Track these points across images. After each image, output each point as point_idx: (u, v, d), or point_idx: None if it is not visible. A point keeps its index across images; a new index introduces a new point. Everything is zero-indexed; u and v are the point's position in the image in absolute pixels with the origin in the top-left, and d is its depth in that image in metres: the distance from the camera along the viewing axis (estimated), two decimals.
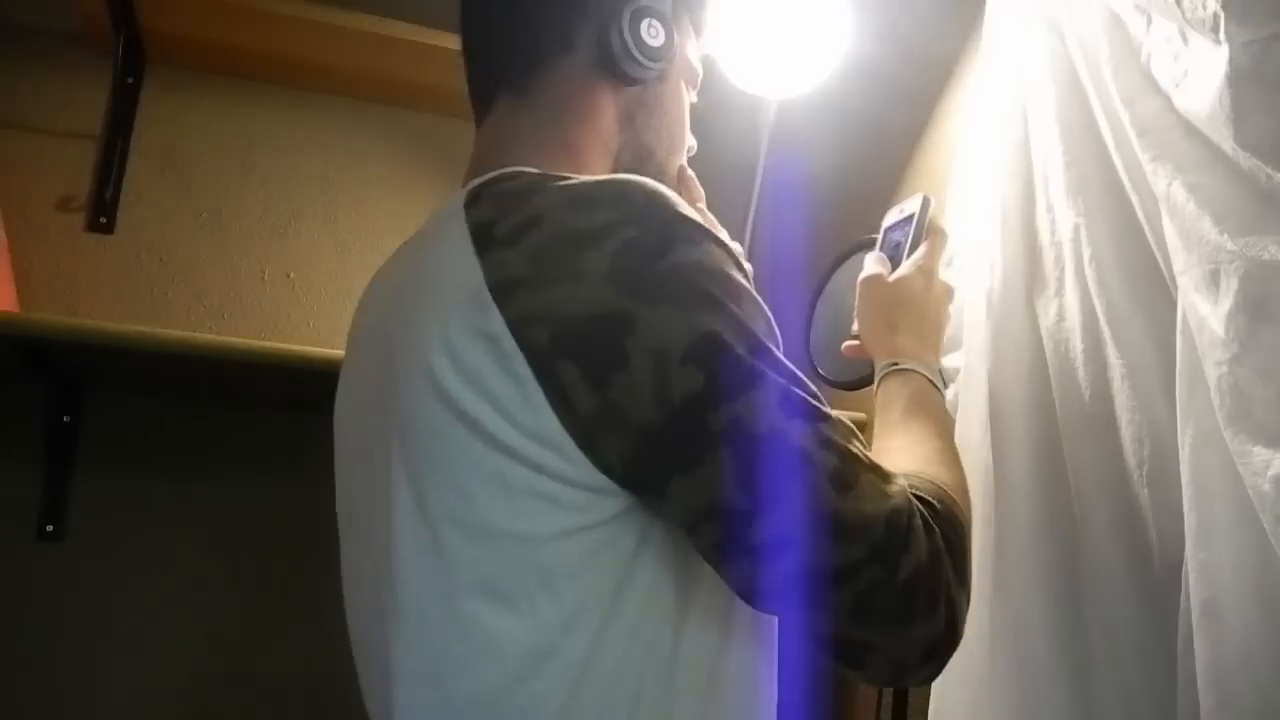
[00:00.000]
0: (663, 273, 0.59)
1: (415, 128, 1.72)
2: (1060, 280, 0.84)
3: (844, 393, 1.13)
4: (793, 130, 1.56)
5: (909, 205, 0.96)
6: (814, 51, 1.37)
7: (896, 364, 0.83)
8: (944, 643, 0.61)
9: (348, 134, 1.69)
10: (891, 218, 0.99)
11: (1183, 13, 0.65)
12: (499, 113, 0.81)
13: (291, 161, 1.65)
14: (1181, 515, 0.66)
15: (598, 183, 0.64)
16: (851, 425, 0.64)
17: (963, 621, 0.62)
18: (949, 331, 0.93)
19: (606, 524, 0.62)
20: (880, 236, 0.99)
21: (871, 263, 0.94)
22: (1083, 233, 0.82)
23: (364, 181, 1.68)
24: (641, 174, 0.73)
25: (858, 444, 0.62)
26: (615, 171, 0.79)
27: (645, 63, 0.77)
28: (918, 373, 0.82)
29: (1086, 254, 0.81)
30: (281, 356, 1.25)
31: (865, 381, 1.07)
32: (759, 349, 0.60)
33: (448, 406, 0.61)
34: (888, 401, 0.81)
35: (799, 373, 0.62)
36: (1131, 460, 0.76)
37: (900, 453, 0.73)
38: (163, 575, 1.48)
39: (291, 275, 1.63)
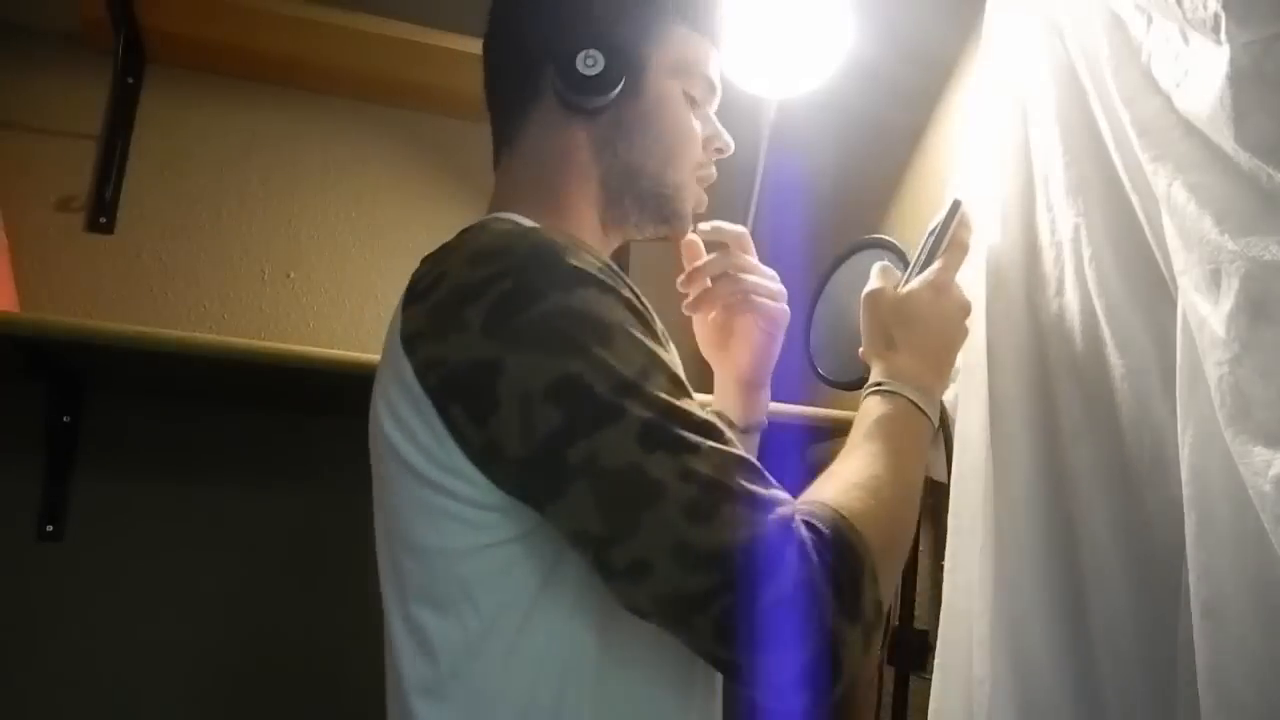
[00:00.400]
0: (530, 320, 0.65)
1: (415, 128, 1.72)
2: (1060, 280, 0.84)
3: (844, 393, 1.13)
4: (793, 130, 1.56)
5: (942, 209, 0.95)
6: (814, 51, 1.36)
7: (881, 384, 0.83)
8: (822, 671, 0.61)
9: (348, 134, 1.69)
10: (934, 222, 0.98)
11: (1183, 13, 0.65)
12: (500, 169, 0.89)
13: (291, 162, 1.65)
14: (1182, 515, 0.66)
15: (495, 238, 0.72)
16: (740, 454, 0.65)
17: (849, 653, 0.62)
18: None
19: (518, 539, 0.69)
20: (923, 240, 0.97)
21: (876, 275, 0.93)
22: (1083, 233, 0.82)
23: (364, 181, 1.68)
24: (637, 191, 0.85)
25: (734, 474, 0.63)
26: (607, 197, 0.86)
27: (589, 92, 0.82)
28: (900, 395, 0.82)
29: (1086, 254, 0.81)
30: (281, 356, 1.24)
31: (864, 382, 1.07)
32: (623, 387, 0.64)
33: (387, 443, 0.72)
34: (859, 421, 0.81)
35: (683, 406, 0.65)
36: (1132, 460, 0.76)
37: (833, 476, 0.73)
38: (162, 575, 1.48)
39: (291, 275, 1.63)
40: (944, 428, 1.02)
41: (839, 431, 1.42)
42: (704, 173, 0.92)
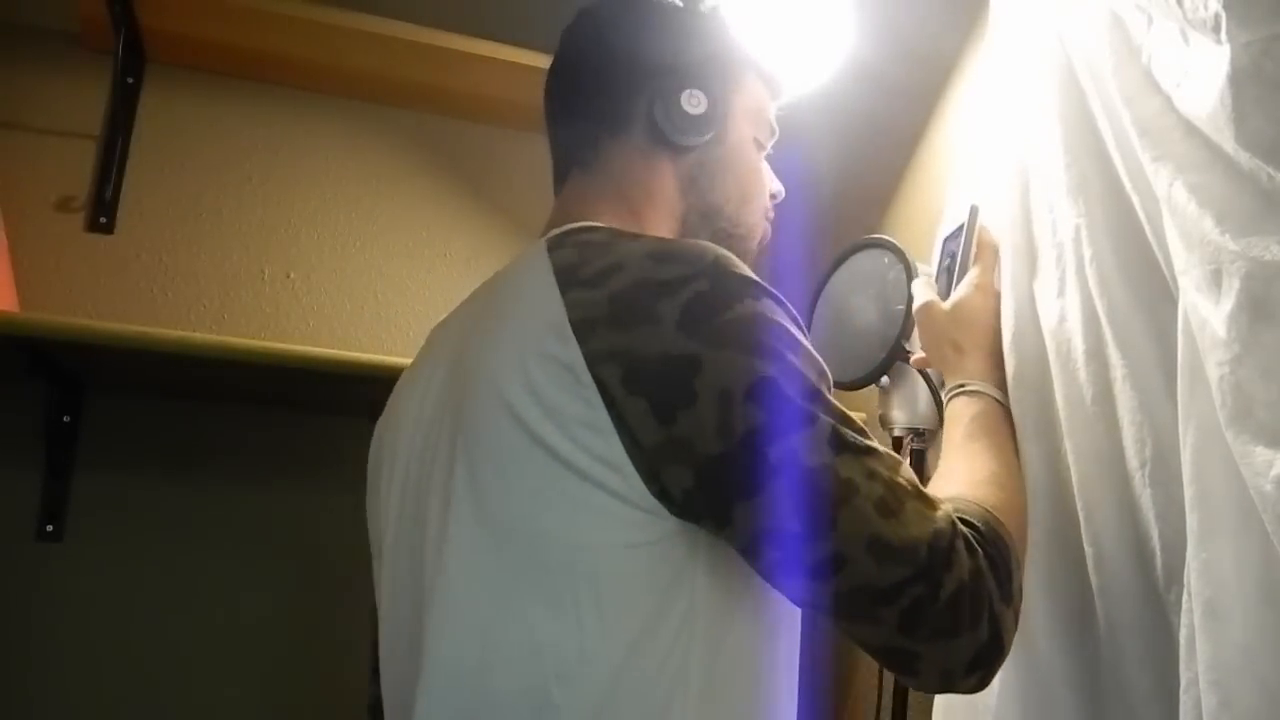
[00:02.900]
0: (728, 322, 0.66)
1: (415, 128, 1.72)
2: (1062, 281, 0.84)
3: (844, 393, 1.13)
4: (793, 130, 1.56)
5: (959, 216, 0.97)
6: (814, 51, 1.37)
7: (964, 385, 0.89)
8: (989, 654, 0.67)
9: (347, 134, 1.69)
10: (946, 229, 1.01)
11: (1183, 13, 0.65)
12: (571, 183, 0.89)
13: (291, 161, 1.65)
14: (1183, 515, 0.66)
15: (674, 241, 0.74)
16: (898, 457, 0.70)
17: (1009, 635, 0.68)
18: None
19: (654, 544, 0.67)
20: (938, 249, 1.00)
21: (921, 289, 0.98)
22: (1083, 233, 0.82)
23: (364, 181, 1.68)
24: (712, 230, 0.87)
25: (904, 474, 0.68)
26: (684, 231, 0.88)
27: (689, 131, 0.85)
28: (984, 394, 0.88)
29: (1087, 254, 0.81)
30: (281, 356, 1.25)
31: (864, 381, 1.07)
32: (811, 393, 0.67)
33: (518, 423, 0.68)
34: (953, 422, 0.88)
35: (849, 414, 0.69)
36: (1133, 460, 0.75)
37: (955, 474, 0.80)
38: (162, 575, 1.48)
39: (291, 275, 1.63)
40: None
41: None
42: (769, 214, 0.95)
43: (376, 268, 1.67)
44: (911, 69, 1.42)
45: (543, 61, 1.62)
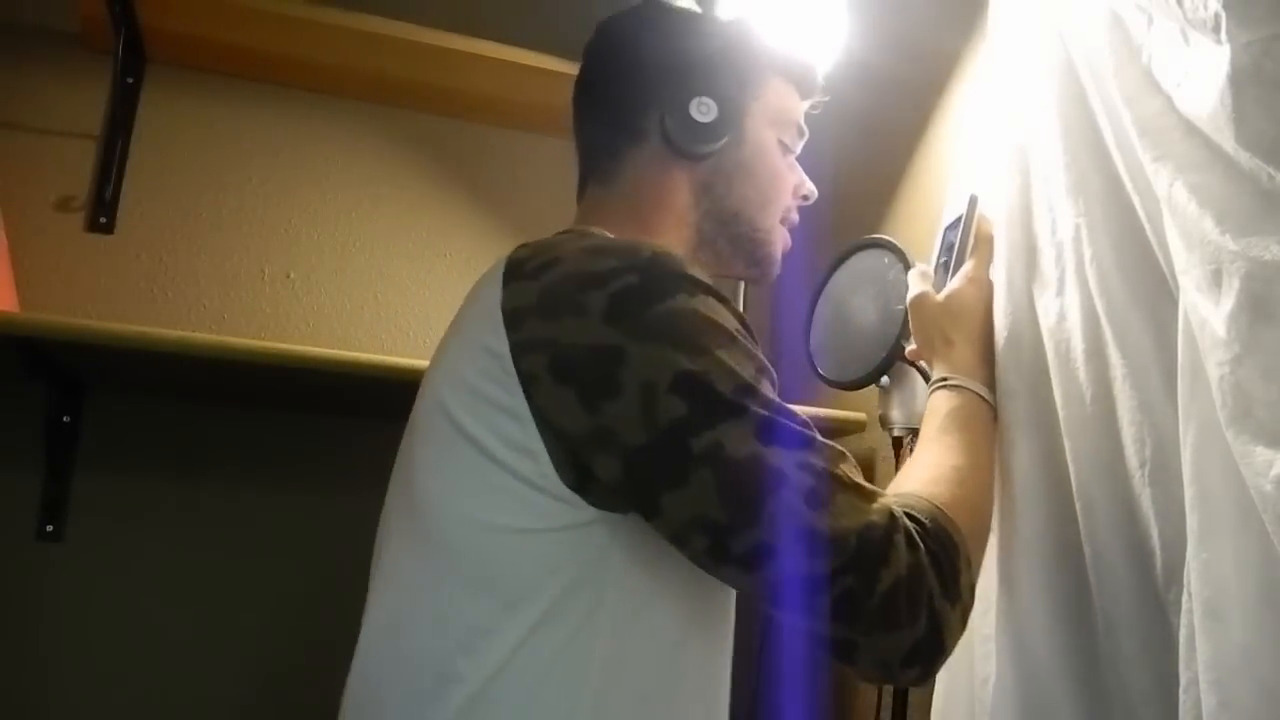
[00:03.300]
0: (656, 315, 0.67)
1: (415, 128, 1.72)
2: (1061, 281, 0.84)
3: (844, 393, 1.13)
4: None
5: (959, 206, 0.97)
6: (814, 51, 1.36)
7: (947, 379, 0.88)
8: (928, 649, 0.67)
9: (348, 134, 1.69)
10: (947, 218, 1.00)
11: (1184, 13, 0.65)
12: (588, 195, 0.92)
13: (291, 161, 1.65)
14: (1183, 515, 0.66)
15: (615, 239, 0.75)
16: (842, 450, 0.71)
17: (951, 631, 0.68)
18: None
19: (561, 531, 0.70)
20: (939, 240, 1.00)
21: (915, 280, 0.96)
22: (1083, 233, 0.82)
23: (364, 181, 1.68)
24: (730, 235, 0.89)
25: (844, 468, 0.69)
26: (698, 239, 0.90)
27: (700, 139, 0.86)
28: (966, 388, 0.87)
29: (1087, 254, 0.81)
30: (281, 356, 1.25)
31: (864, 381, 1.07)
32: (741, 388, 0.67)
33: (443, 411, 0.72)
34: (930, 414, 0.87)
35: (788, 408, 0.70)
36: (1133, 460, 0.75)
37: (917, 468, 0.80)
38: (162, 575, 1.48)
39: (291, 275, 1.63)
40: None
41: (839, 431, 1.42)
42: (790, 216, 0.96)
43: (376, 268, 1.67)
44: (911, 67, 1.41)
45: (543, 62, 1.64)
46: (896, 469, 1.15)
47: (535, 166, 1.77)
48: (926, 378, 1.02)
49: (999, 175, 0.97)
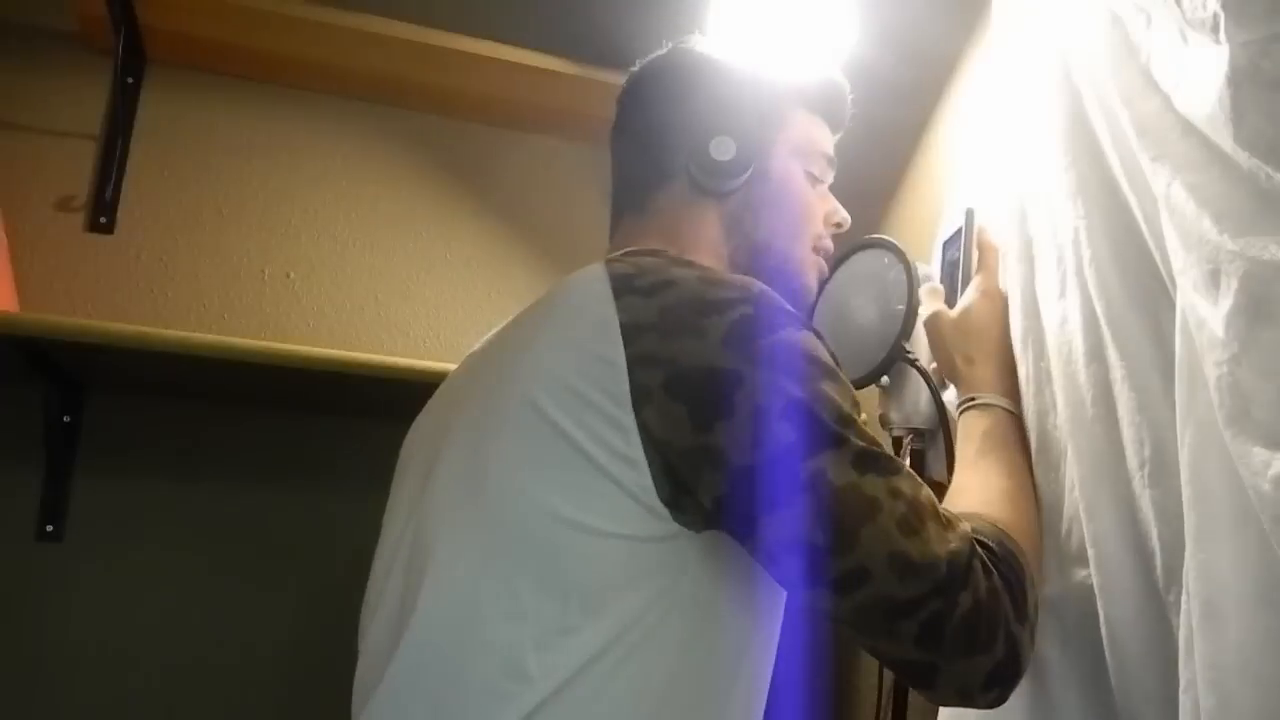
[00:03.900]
0: (769, 345, 0.70)
1: (415, 128, 1.72)
2: (1063, 283, 0.84)
3: None
4: None
5: (956, 220, 0.97)
6: (814, 52, 1.36)
7: (974, 399, 0.90)
8: (1006, 672, 0.69)
9: (348, 134, 1.69)
10: (944, 233, 1.01)
11: (1182, 13, 0.65)
12: (625, 223, 0.95)
13: (291, 161, 1.65)
14: (1182, 515, 0.66)
15: (723, 273, 0.78)
16: (920, 480, 0.72)
17: (1025, 653, 0.70)
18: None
19: (648, 543, 0.71)
20: (938, 255, 1.00)
21: (927, 298, 0.98)
22: (1082, 235, 0.82)
23: (364, 181, 1.68)
24: (762, 266, 0.90)
25: (925, 494, 0.71)
26: (733, 271, 0.90)
27: (721, 176, 0.90)
28: (995, 406, 0.89)
29: (1086, 255, 0.81)
30: (281, 356, 1.25)
31: (864, 381, 1.07)
32: (842, 419, 0.70)
33: (533, 408, 0.71)
34: (966, 437, 0.89)
35: (878, 440, 0.72)
36: (1133, 461, 0.75)
37: (969, 492, 0.82)
38: (162, 575, 1.49)
39: (291, 275, 1.63)
40: (945, 428, 1.02)
41: None
42: (823, 244, 0.97)
43: (376, 268, 1.67)
44: (911, 69, 1.41)
45: (543, 62, 1.64)
46: None
47: (535, 166, 1.77)
48: (932, 384, 1.02)
49: (1000, 178, 0.97)
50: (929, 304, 0.97)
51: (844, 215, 0.99)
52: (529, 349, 0.76)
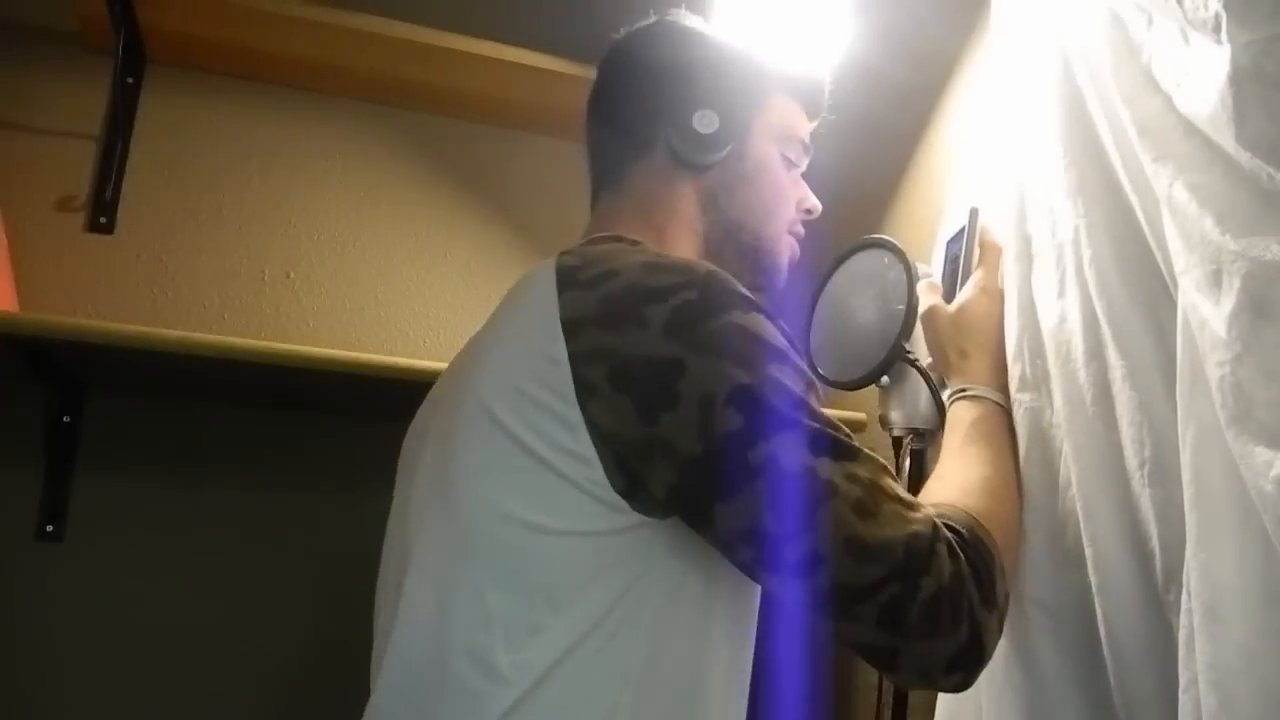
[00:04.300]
0: (712, 331, 0.69)
1: (415, 128, 1.72)
2: (1062, 282, 0.84)
3: (844, 393, 1.13)
4: None
5: (959, 218, 0.98)
6: (814, 52, 1.36)
7: (965, 390, 0.90)
8: (969, 656, 0.68)
9: (348, 134, 1.69)
10: (947, 232, 1.01)
11: (1184, 13, 0.65)
12: (601, 203, 0.96)
13: (291, 161, 1.65)
14: (1183, 516, 0.66)
15: (670, 256, 0.77)
16: (884, 463, 0.72)
17: (990, 639, 0.70)
18: None
19: (607, 535, 0.71)
20: (941, 252, 1.01)
21: (925, 293, 0.99)
22: (1082, 234, 0.82)
23: (364, 181, 1.68)
24: (736, 245, 0.91)
25: (886, 479, 0.71)
26: (707, 247, 0.92)
27: (702, 150, 0.90)
28: (986, 398, 0.89)
29: (1086, 255, 0.81)
30: (281, 356, 1.25)
31: (864, 381, 1.07)
32: (793, 402, 0.69)
33: (487, 413, 0.72)
34: (952, 427, 0.89)
35: (834, 420, 0.71)
36: (1132, 461, 0.75)
37: (948, 481, 0.82)
38: (162, 575, 1.48)
39: (291, 275, 1.63)
40: (945, 427, 1.02)
41: None
42: (796, 229, 0.98)
43: (376, 268, 1.67)
44: (911, 69, 1.41)
45: (543, 62, 1.64)
46: (897, 469, 1.15)
47: (535, 166, 1.77)
48: (932, 384, 1.02)
49: (1000, 177, 0.97)
50: (926, 298, 0.98)
51: (815, 202, 0.99)
52: (484, 352, 0.77)
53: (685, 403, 0.67)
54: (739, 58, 0.95)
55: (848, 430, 0.72)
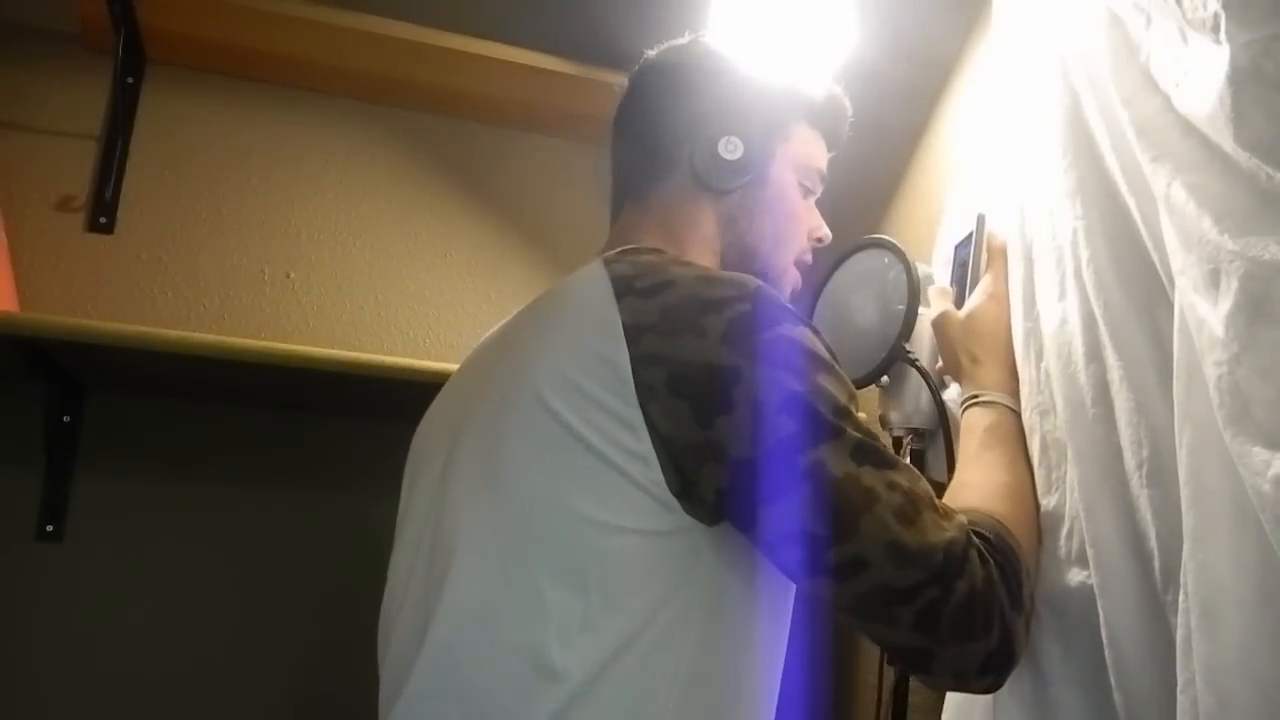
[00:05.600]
0: (767, 341, 0.72)
1: (415, 128, 1.72)
2: (1062, 284, 0.84)
3: None
4: None
5: (965, 223, 0.98)
6: (814, 52, 1.36)
7: (978, 395, 0.92)
8: (1001, 659, 0.71)
9: (348, 134, 1.69)
10: (953, 236, 1.02)
11: (1183, 12, 0.65)
12: (625, 213, 0.97)
13: (291, 161, 1.65)
14: (1180, 515, 0.66)
15: (722, 271, 0.81)
16: (918, 473, 0.74)
17: (1019, 641, 0.73)
18: None
19: (663, 535, 0.73)
20: (951, 257, 1.02)
21: (936, 298, 1.00)
22: (1080, 235, 0.82)
23: (364, 181, 1.68)
24: (747, 269, 0.91)
25: (922, 486, 0.73)
26: (723, 266, 0.94)
27: (725, 175, 0.92)
28: (999, 404, 0.91)
29: (1085, 256, 0.81)
30: (281, 356, 1.25)
31: (864, 381, 1.07)
32: (839, 411, 0.72)
33: (546, 409, 0.73)
34: (969, 432, 0.91)
35: (875, 433, 0.74)
36: (1131, 461, 0.75)
37: (970, 486, 0.85)
38: (162, 575, 1.49)
39: (291, 275, 1.63)
40: (945, 428, 1.03)
41: None
42: (804, 257, 1.00)
43: (377, 268, 1.67)
44: (912, 70, 1.42)
45: (543, 62, 1.64)
46: None
47: (535, 166, 1.77)
48: (931, 384, 1.02)
49: (1000, 179, 0.97)
50: (938, 304, 0.99)
51: (826, 232, 1.01)
52: (537, 349, 0.78)
53: (739, 408, 0.70)
54: (767, 87, 0.96)
55: (885, 441, 0.75)
